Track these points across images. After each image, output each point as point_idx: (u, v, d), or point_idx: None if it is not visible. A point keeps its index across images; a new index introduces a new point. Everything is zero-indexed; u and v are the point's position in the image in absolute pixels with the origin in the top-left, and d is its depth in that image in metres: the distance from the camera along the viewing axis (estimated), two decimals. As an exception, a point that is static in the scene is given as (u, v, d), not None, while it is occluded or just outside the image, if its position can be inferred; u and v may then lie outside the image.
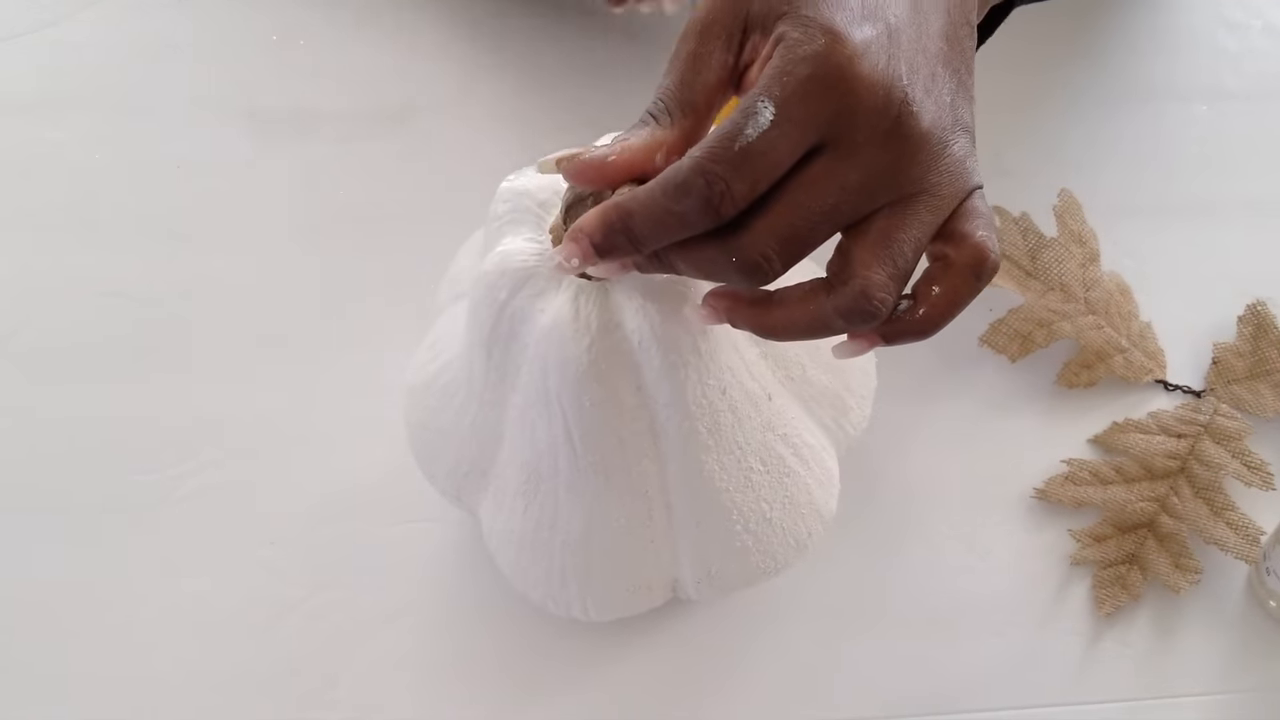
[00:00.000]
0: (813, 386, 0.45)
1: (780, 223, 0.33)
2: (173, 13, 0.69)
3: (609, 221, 0.33)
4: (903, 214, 0.34)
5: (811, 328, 0.35)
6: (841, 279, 0.34)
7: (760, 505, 0.43)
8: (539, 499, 0.43)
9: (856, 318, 0.34)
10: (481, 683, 0.51)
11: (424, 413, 0.47)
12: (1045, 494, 0.55)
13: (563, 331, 0.38)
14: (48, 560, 0.53)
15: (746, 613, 0.52)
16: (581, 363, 0.38)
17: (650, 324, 0.38)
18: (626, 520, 0.42)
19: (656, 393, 0.39)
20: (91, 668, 0.51)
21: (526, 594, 0.46)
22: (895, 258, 0.33)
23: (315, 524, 0.54)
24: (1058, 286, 0.59)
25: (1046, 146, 0.65)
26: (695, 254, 0.34)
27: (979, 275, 0.35)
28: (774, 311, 0.35)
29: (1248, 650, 0.52)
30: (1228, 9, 0.70)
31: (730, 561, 0.44)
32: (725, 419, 0.41)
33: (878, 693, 0.51)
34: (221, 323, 0.59)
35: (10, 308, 0.59)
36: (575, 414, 0.39)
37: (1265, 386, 0.57)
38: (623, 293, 0.38)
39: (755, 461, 0.43)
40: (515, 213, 0.40)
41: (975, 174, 0.35)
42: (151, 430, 0.56)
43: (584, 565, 0.44)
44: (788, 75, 0.32)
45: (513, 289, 0.39)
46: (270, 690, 0.50)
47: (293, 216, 0.62)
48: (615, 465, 0.41)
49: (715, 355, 0.39)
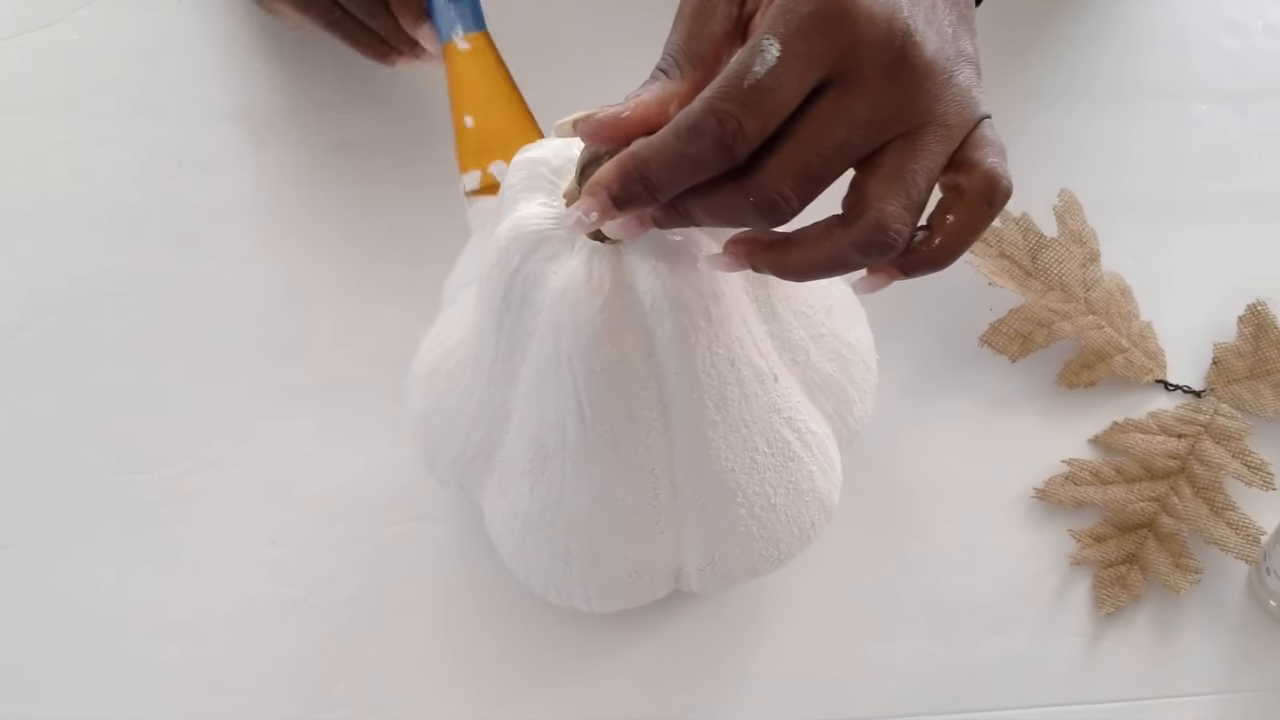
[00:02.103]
0: (817, 373, 0.45)
1: (794, 160, 0.33)
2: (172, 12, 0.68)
3: (625, 171, 0.33)
4: (913, 145, 0.34)
5: (830, 264, 0.35)
6: (857, 212, 0.34)
7: (765, 489, 0.43)
8: (545, 476, 0.43)
9: (874, 250, 0.34)
10: (482, 682, 0.51)
11: (428, 400, 0.47)
12: (1045, 494, 0.55)
13: (576, 293, 0.38)
14: (48, 560, 0.53)
15: (746, 611, 0.52)
16: (595, 324, 0.38)
17: (663, 284, 0.38)
18: (632, 498, 0.42)
19: (667, 359, 0.39)
20: (91, 667, 0.51)
21: (529, 582, 0.46)
22: (909, 188, 0.34)
23: (315, 524, 0.54)
24: (1058, 286, 0.59)
25: (1046, 146, 0.65)
26: (712, 198, 0.34)
27: (992, 202, 0.35)
28: (793, 251, 0.35)
29: (1248, 650, 0.52)
30: (1228, 9, 0.70)
31: (734, 548, 0.44)
32: (733, 393, 0.41)
33: (878, 692, 0.51)
34: (222, 322, 0.59)
35: (11, 308, 0.59)
36: (586, 379, 0.39)
37: (1265, 386, 0.57)
38: (636, 254, 0.38)
39: (761, 443, 0.43)
40: (529, 180, 0.41)
41: (982, 103, 0.36)
42: (152, 430, 0.56)
43: (589, 547, 0.44)
44: (790, 13, 0.32)
45: (525, 253, 0.39)
46: (271, 690, 0.50)
47: (293, 216, 0.62)
48: (623, 438, 0.41)
49: (725, 323, 0.39)
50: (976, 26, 0.37)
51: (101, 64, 0.67)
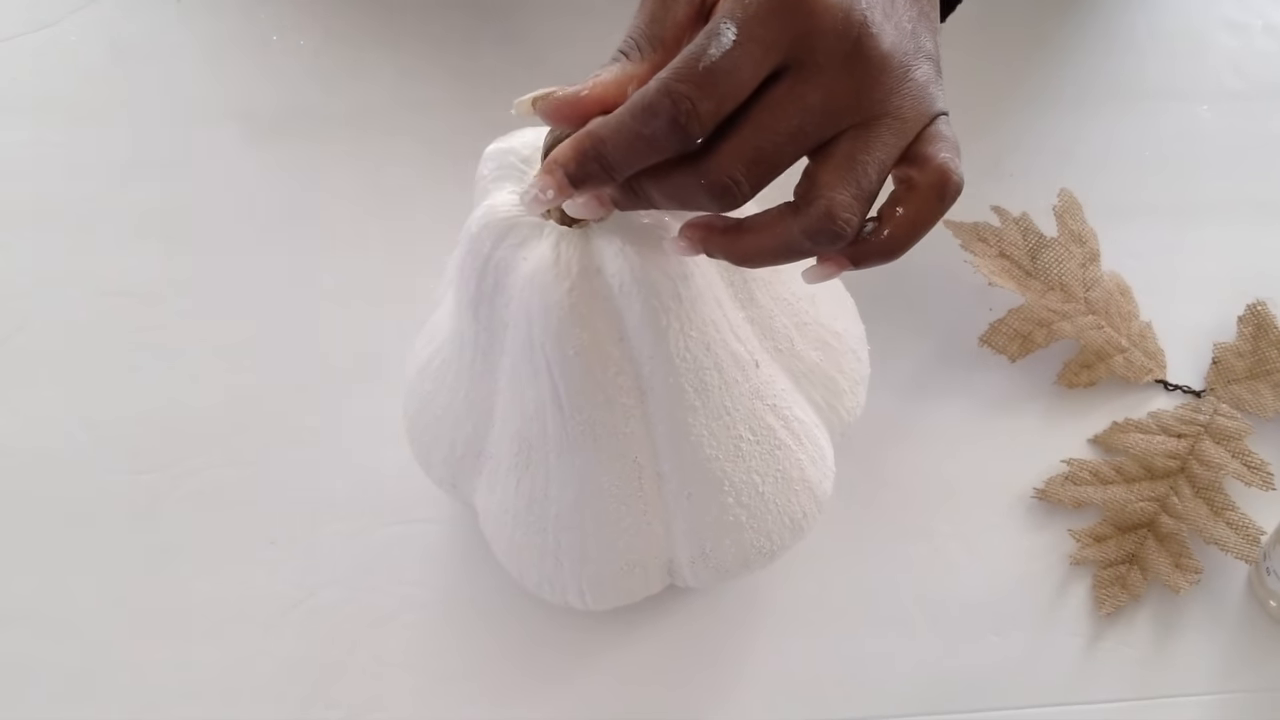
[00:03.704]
0: (802, 362, 0.45)
1: (746, 145, 0.33)
2: (170, 13, 0.69)
3: (581, 149, 0.34)
4: (866, 137, 0.34)
5: (780, 251, 0.35)
6: (808, 200, 0.34)
7: (752, 477, 0.43)
8: (530, 471, 0.43)
9: (823, 238, 0.34)
10: (482, 681, 0.51)
11: (419, 400, 0.47)
12: (1045, 494, 0.55)
13: (544, 276, 0.38)
14: (47, 559, 0.53)
15: (743, 611, 0.52)
16: (563, 306, 0.38)
17: (630, 266, 0.38)
18: (617, 489, 0.42)
19: (639, 343, 0.39)
20: (91, 667, 0.51)
21: (523, 579, 0.46)
22: (859, 178, 0.34)
23: (315, 524, 0.54)
24: (1058, 286, 0.59)
25: (1046, 146, 0.65)
26: (667, 180, 0.34)
27: (942, 196, 0.36)
28: (745, 238, 0.36)
29: (1248, 650, 0.52)
30: (1228, 9, 0.70)
31: (724, 539, 0.44)
32: (712, 378, 0.41)
33: (877, 692, 0.51)
34: (220, 322, 0.59)
35: (10, 307, 0.59)
36: (560, 366, 0.39)
37: (1265, 386, 0.57)
38: (603, 238, 0.38)
39: (744, 430, 0.43)
40: (499, 170, 0.41)
41: (939, 100, 0.36)
42: (151, 430, 0.56)
43: (577, 540, 0.44)
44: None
45: (496, 240, 0.39)
46: (271, 689, 0.50)
47: (291, 216, 0.62)
48: (603, 426, 0.41)
49: (696, 305, 0.39)
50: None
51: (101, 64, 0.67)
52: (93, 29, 0.68)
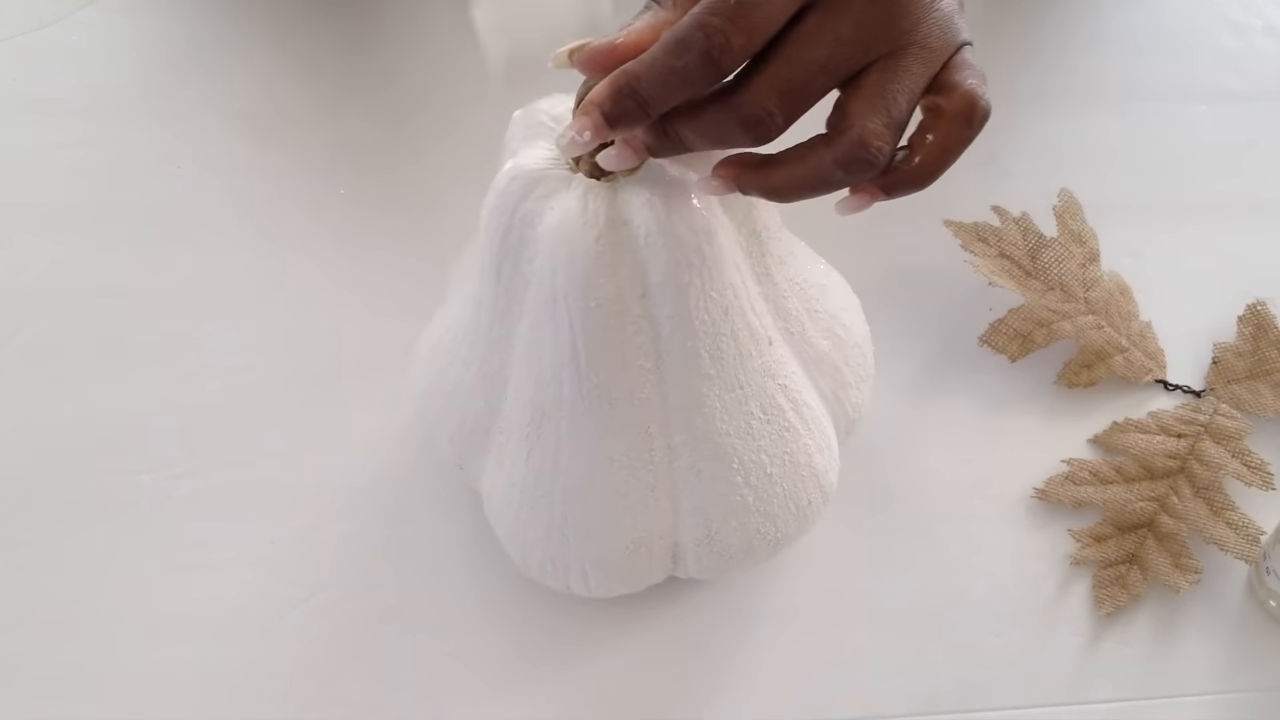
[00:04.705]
0: (813, 348, 0.45)
1: (778, 77, 0.34)
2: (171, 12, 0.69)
3: (617, 87, 0.34)
4: (895, 66, 0.35)
5: (813, 182, 0.36)
6: (840, 129, 0.35)
7: (761, 457, 0.43)
8: (541, 441, 0.43)
9: (855, 166, 0.35)
10: (482, 681, 0.51)
11: (429, 378, 0.47)
12: (1045, 494, 0.55)
13: (571, 226, 0.38)
14: (47, 559, 0.53)
15: (743, 610, 0.52)
16: (589, 255, 0.38)
17: (656, 217, 0.38)
18: (628, 459, 0.42)
19: (661, 299, 0.39)
20: (90, 667, 0.51)
21: (526, 561, 0.46)
22: (890, 106, 0.35)
23: (315, 523, 0.54)
24: (1058, 286, 0.59)
25: (1046, 146, 0.65)
26: (700, 117, 0.35)
27: (970, 121, 0.36)
28: (777, 170, 0.36)
29: (1248, 650, 0.52)
30: (1228, 9, 0.70)
31: (731, 519, 0.44)
32: (728, 346, 0.41)
33: (877, 692, 0.51)
34: (221, 323, 0.59)
35: (10, 308, 0.59)
36: (582, 319, 0.39)
37: (1265, 386, 0.57)
38: (630, 190, 0.39)
39: (755, 407, 0.43)
40: (528, 129, 0.41)
41: (963, 30, 0.37)
42: (151, 430, 0.56)
43: (584, 513, 0.44)
44: None
45: (523, 192, 0.40)
46: (270, 690, 0.50)
47: (292, 216, 0.62)
48: (619, 390, 0.41)
49: (719, 265, 0.40)
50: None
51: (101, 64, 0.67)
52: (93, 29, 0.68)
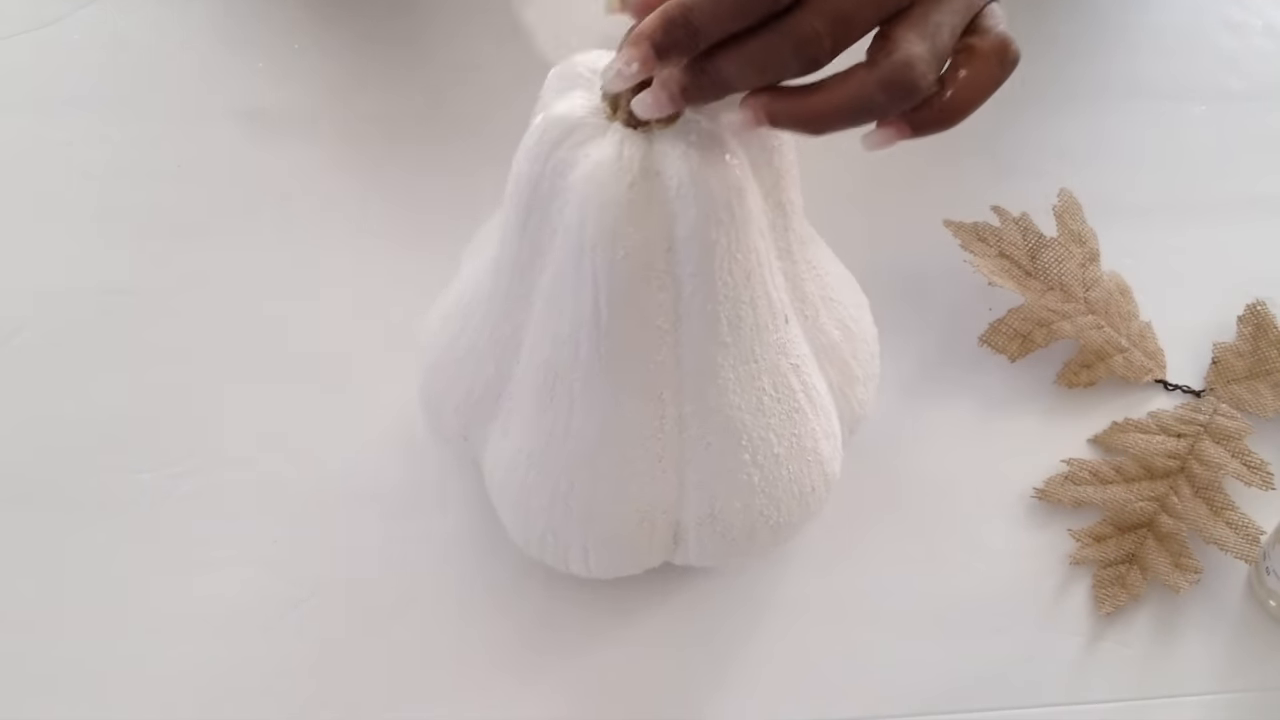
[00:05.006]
0: (825, 336, 0.45)
1: (829, 4, 0.35)
2: (171, 11, 0.69)
3: (669, 16, 0.35)
4: (939, 2, 0.37)
5: (853, 107, 0.36)
6: (885, 53, 0.36)
7: (769, 436, 0.43)
8: (554, 404, 0.43)
9: (898, 90, 0.36)
10: (482, 681, 0.51)
11: (440, 347, 0.47)
12: (1045, 494, 0.55)
13: (605, 172, 0.38)
14: (46, 559, 0.53)
15: (742, 609, 0.52)
16: (620, 203, 0.38)
17: (690, 169, 0.38)
18: (639, 425, 0.42)
19: (686, 255, 0.39)
20: (90, 666, 0.51)
21: (527, 533, 0.46)
22: (934, 36, 0.36)
23: (317, 522, 0.54)
24: (1058, 286, 0.59)
25: (1046, 146, 0.65)
26: (748, 46, 0.35)
27: (1003, 62, 0.38)
28: (815, 97, 0.36)
29: (1248, 650, 0.52)
30: (1228, 9, 0.70)
31: (735, 499, 0.44)
32: (746, 315, 0.41)
33: (877, 692, 0.51)
34: (221, 322, 0.59)
35: (11, 308, 0.59)
36: (607, 270, 0.39)
37: (1265, 386, 0.57)
38: (666, 141, 0.39)
39: (768, 383, 0.43)
40: (564, 82, 0.41)
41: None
42: (151, 429, 0.56)
43: (590, 481, 0.44)
44: None
45: (557, 140, 0.40)
46: (270, 690, 0.50)
47: (292, 215, 0.62)
48: (636, 351, 0.41)
49: (746, 227, 0.40)
50: None
51: (102, 64, 0.67)
52: (94, 27, 0.68)
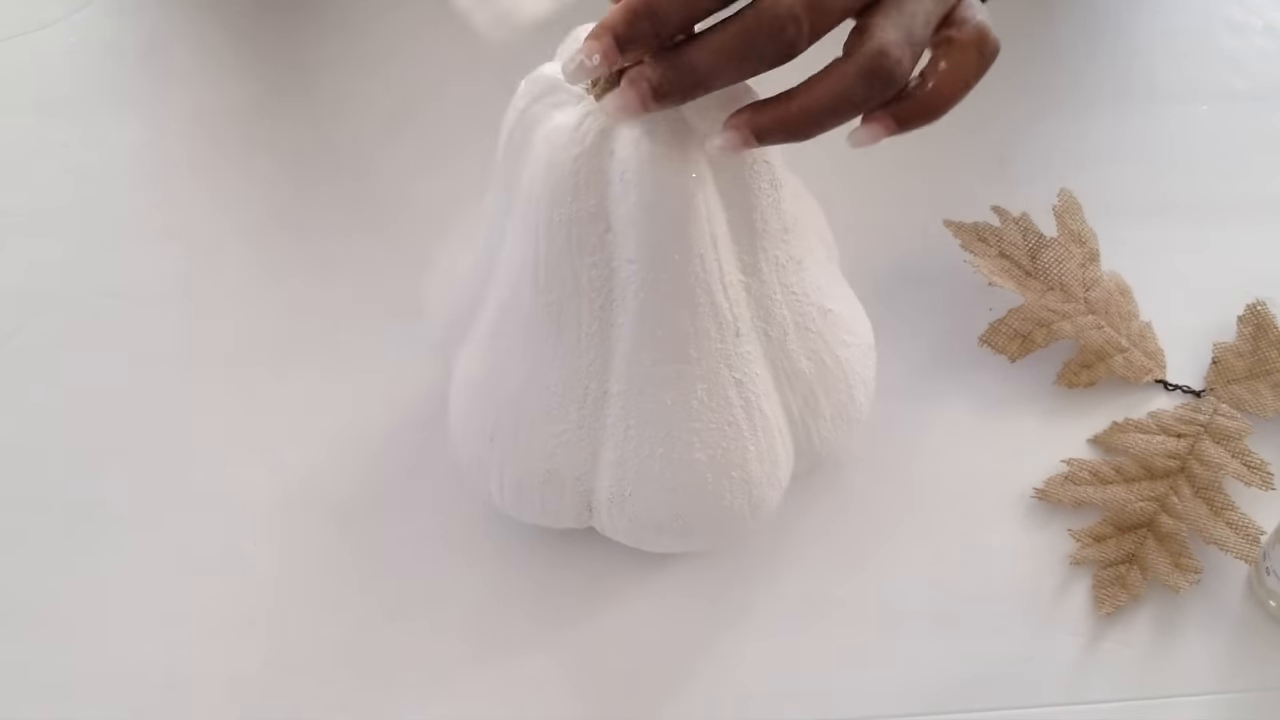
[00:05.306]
0: (790, 362, 0.45)
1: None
2: (170, 12, 0.69)
3: (633, 8, 0.35)
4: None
5: (834, 103, 0.36)
6: (860, 43, 0.36)
7: (692, 440, 0.43)
8: (498, 342, 0.44)
9: (876, 78, 0.35)
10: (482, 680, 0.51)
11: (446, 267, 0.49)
12: (1045, 494, 0.55)
13: (559, 137, 0.39)
14: (45, 559, 0.53)
15: (741, 609, 0.52)
16: (564, 168, 0.39)
17: (639, 157, 0.39)
18: (562, 388, 0.43)
19: (623, 240, 0.40)
20: (88, 667, 0.51)
21: (460, 455, 0.48)
22: (909, 23, 0.36)
23: (314, 523, 0.54)
24: (1058, 286, 0.59)
25: (1046, 146, 0.65)
26: (720, 34, 0.35)
27: (982, 52, 0.38)
28: (795, 100, 0.36)
29: (1248, 650, 0.52)
30: (1228, 9, 0.70)
31: (644, 487, 0.44)
32: (682, 316, 0.41)
33: (876, 692, 0.51)
34: (218, 323, 0.59)
35: (10, 308, 0.59)
36: (545, 230, 0.40)
37: (1265, 386, 0.57)
38: (628, 125, 0.39)
39: (701, 389, 0.43)
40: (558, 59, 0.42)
41: None
42: (149, 430, 0.56)
43: (512, 426, 0.45)
44: None
45: (535, 96, 0.41)
46: (270, 690, 0.50)
47: (292, 216, 0.62)
48: (568, 314, 0.42)
49: (689, 229, 0.40)
50: None
51: (101, 64, 0.67)
52: (92, 29, 0.68)
